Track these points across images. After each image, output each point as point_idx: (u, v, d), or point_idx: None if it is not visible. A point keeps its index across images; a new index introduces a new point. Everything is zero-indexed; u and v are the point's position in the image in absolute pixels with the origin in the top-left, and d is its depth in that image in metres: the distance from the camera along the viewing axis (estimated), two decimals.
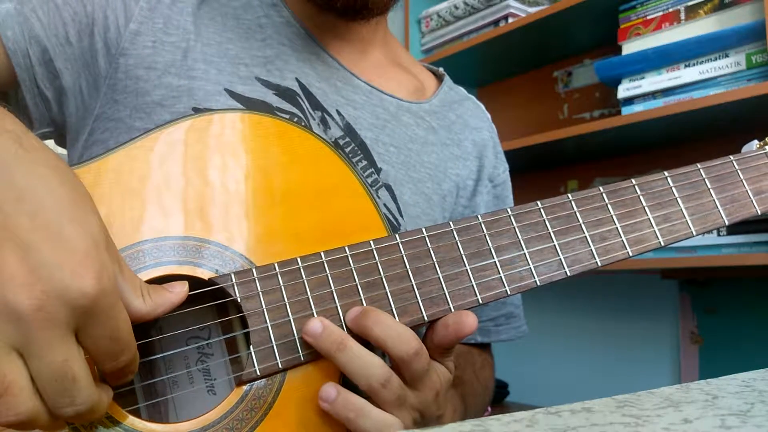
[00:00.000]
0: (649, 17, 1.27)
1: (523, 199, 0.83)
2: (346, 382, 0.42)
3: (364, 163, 0.58)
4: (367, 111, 0.61)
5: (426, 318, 0.44)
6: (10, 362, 0.31)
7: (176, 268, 0.41)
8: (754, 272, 1.24)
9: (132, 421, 0.39)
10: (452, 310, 0.44)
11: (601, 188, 0.49)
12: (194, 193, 0.43)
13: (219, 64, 0.55)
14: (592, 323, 1.58)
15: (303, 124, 0.56)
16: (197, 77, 0.54)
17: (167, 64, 0.54)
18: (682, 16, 1.22)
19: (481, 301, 0.45)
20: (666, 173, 0.51)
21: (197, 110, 0.52)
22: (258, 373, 0.40)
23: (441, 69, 0.74)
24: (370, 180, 0.58)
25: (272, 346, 0.41)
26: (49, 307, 0.31)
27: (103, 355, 0.34)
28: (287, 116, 0.55)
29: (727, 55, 1.15)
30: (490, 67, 1.72)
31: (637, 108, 1.26)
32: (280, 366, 0.41)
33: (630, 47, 1.30)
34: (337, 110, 0.59)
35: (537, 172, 1.69)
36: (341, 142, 0.58)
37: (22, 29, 0.52)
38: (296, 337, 0.41)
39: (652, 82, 1.24)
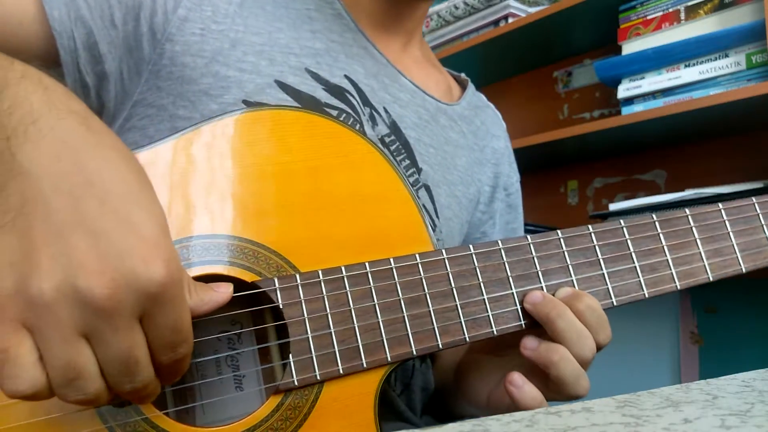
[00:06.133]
0: (649, 17, 1.27)
1: (523, 199, 0.83)
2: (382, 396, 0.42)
3: (407, 162, 0.58)
4: (411, 110, 0.61)
5: (468, 339, 0.43)
6: (81, 347, 0.31)
7: (226, 268, 0.40)
8: (754, 272, 1.24)
9: (164, 420, 0.38)
10: (495, 333, 0.43)
11: (654, 216, 0.48)
12: (244, 192, 0.42)
13: (270, 53, 0.54)
14: None
15: (351, 120, 0.55)
16: (247, 70, 0.53)
17: (215, 52, 0.53)
18: (682, 16, 1.22)
19: (524, 326, 0.44)
20: (720, 205, 0.50)
21: (248, 103, 0.52)
22: (296, 383, 0.40)
23: (463, 74, 0.74)
24: (411, 180, 0.58)
25: (311, 357, 0.40)
26: (118, 295, 0.30)
27: (164, 346, 0.33)
28: (335, 112, 0.54)
29: (727, 55, 1.15)
30: (490, 67, 1.72)
31: (637, 108, 1.26)
32: (318, 378, 0.40)
33: (630, 47, 1.29)
34: (384, 107, 0.59)
35: (537, 172, 1.69)
36: (387, 140, 0.57)
37: (68, 10, 0.50)
38: (336, 349, 0.41)
39: (652, 82, 1.24)
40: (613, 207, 1.24)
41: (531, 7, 1.55)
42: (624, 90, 1.28)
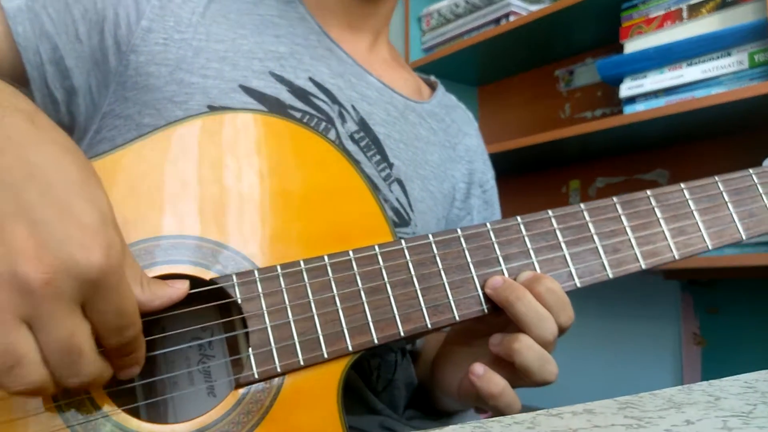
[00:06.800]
0: (651, 16, 1.27)
1: (524, 199, 0.83)
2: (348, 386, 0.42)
3: (378, 157, 0.59)
4: (380, 107, 0.62)
5: (429, 326, 0.43)
6: (21, 334, 0.31)
7: (190, 268, 0.41)
8: (756, 273, 1.24)
9: (127, 419, 0.38)
10: (457, 318, 0.43)
11: (614, 198, 0.48)
12: (208, 193, 0.43)
13: (233, 59, 0.55)
14: (594, 324, 1.58)
15: (315, 120, 0.56)
16: (210, 76, 0.54)
17: (178, 60, 0.54)
18: (685, 14, 1.22)
19: (486, 311, 0.44)
20: (682, 185, 0.50)
21: (212, 108, 0.52)
22: (256, 376, 0.40)
23: (433, 77, 0.75)
24: (383, 174, 0.58)
25: (271, 349, 0.40)
26: (57, 281, 0.31)
27: (109, 330, 0.34)
28: (299, 114, 0.55)
29: (729, 54, 1.14)
30: (491, 65, 1.72)
31: (639, 107, 1.26)
32: (279, 370, 0.40)
33: (632, 46, 1.29)
34: (352, 105, 0.59)
35: (538, 171, 1.69)
36: (356, 136, 0.58)
37: (32, 25, 0.51)
38: (296, 340, 0.41)
39: (654, 81, 1.24)
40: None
41: (532, 5, 1.55)
42: (626, 89, 1.28)
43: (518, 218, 0.46)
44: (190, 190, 0.42)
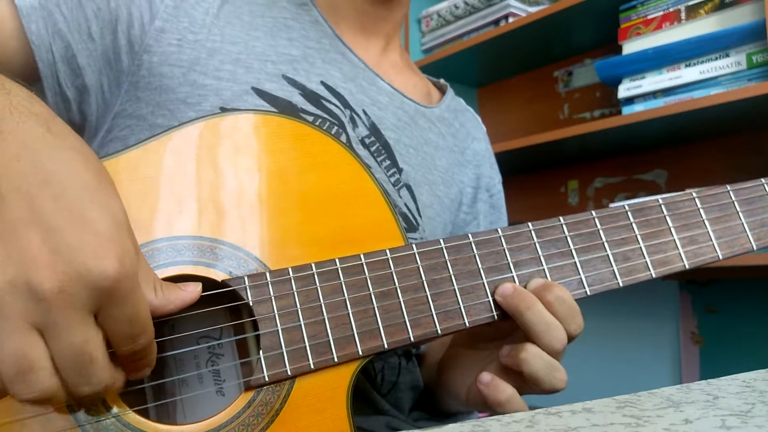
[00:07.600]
0: (649, 17, 1.27)
1: (523, 200, 0.83)
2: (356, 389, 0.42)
3: (388, 162, 0.59)
4: (390, 112, 0.62)
5: (439, 332, 0.43)
6: (33, 341, 0.31)
7: (190, 268, 0.41)
8: (754, 273, 1.24)
9: (137, 419, 0.38)
10: (467, 325, 0.43)
11: (626, 206, 0.48)
12: (211, 193, 0.43)
13: (246, 61, 0.55)
14: (592, 323, 1.58)
15: (326, 126, 0.56)
16: (224, 78, 0.54)
17: (192, 62, 0.54)
18: (683, 15, 1.22)
19: (496, 318, 0.44)
20: (694, 194, 0.49)
21: (225, 110, 0.52)
22: (266, 379, 0.40)
23: (442, 80, 0.75)
24: (393, 179, 0.58)
25: (282, 352, 0.40)
26: (70, 288, 0.31)
27: (122, 338, 0.34)
28: (311, 118, 0.55)
29: (727, 55, 1.15)
30: (490, 66, 1.72)
31: (638, 108, 1.26)
32: (289, 373, 0.40)
33: (630, 47, 1.29)
34: (363, 110, 0.59)
35: (537, 172, 1.69)
36: (367, 141, 0.58)
37: (45, 23, 0.51)
38: (307, 344, 0.41)
39: (652, 81, 1.24)
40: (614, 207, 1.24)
41: (531, 6, 1.55)
42: (624, 90, 1.28)
43: (529, 225, 0.46)
44: (200, 191, 0.42)
